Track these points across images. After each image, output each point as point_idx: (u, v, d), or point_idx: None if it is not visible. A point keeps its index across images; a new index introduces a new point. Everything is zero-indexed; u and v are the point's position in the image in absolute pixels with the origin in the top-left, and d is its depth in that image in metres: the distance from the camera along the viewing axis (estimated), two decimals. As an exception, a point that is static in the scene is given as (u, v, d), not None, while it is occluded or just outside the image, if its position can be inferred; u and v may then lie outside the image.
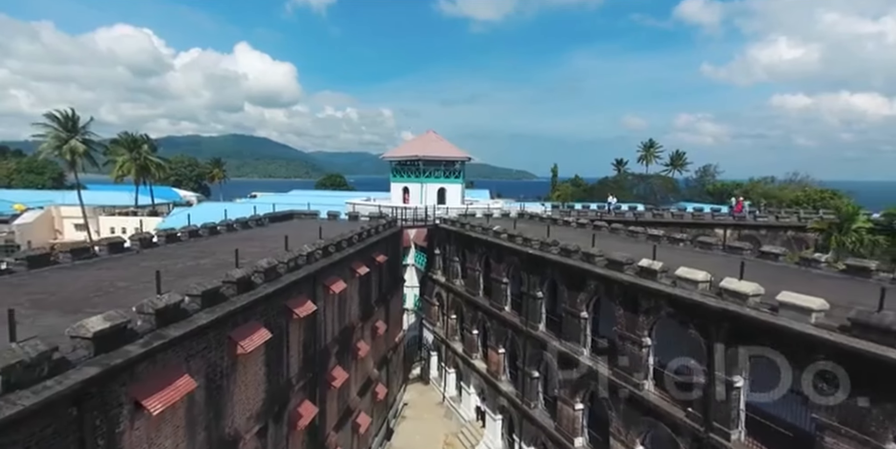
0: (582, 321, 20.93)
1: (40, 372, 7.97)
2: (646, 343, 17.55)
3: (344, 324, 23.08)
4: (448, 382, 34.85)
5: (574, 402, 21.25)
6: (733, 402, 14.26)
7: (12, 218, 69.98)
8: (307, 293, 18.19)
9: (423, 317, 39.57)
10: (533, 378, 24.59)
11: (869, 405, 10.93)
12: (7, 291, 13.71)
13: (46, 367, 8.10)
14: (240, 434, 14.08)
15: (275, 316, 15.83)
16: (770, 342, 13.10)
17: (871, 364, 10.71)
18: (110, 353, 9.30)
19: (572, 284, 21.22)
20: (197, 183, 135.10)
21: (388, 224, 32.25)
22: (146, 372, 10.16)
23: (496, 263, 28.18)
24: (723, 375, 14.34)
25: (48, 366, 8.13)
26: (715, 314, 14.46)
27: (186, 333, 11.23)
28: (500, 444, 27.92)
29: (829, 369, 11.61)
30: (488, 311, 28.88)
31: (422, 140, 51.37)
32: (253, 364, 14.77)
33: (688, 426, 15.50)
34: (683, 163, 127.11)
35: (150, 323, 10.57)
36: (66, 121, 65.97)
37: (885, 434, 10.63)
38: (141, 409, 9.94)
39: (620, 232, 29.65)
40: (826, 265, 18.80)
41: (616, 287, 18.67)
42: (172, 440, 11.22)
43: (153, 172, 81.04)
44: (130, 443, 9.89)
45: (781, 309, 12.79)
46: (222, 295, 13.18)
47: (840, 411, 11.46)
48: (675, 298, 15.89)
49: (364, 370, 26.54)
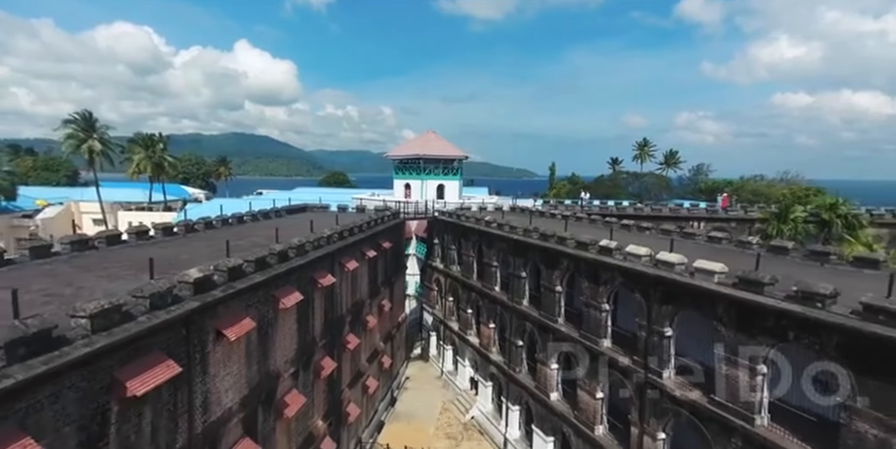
0: (557, 295, 24.89)
1: (167, 301, 11.96)
2: (605, 308, 21.52)
3: (355, 298, 27.08)
4: (445, 358, 38.85)
5: (550, 363, 25.22)
6: (665, 348, 18.22)
7: (35, 213, 74.03)
8: (327, 268, 22.16)
9: (423, 302, 43.56)
10: (518, 347, 28.57)
11: (747, 336, 14.88)
12: (102, 259, 17.70)
13: (169, 298, 12.09)
14: (280, 372, 18.08)
15: (304, 284, 19.78)
16: (689, 299, 17.06)
17: (749, 308, 14.68)
18: (203, 294, 13.29)
19: (549, 264, 25.18)
20: (204, 180, 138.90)
21: (392, 216, 36.24)
22: (223, 311, 14.15)
23: (487, 249, 32.17)
24: (657, 328, 18.30)
25: (170, 298, 12.12)
26: (652, 280, 18.42)
27: (247, 287, 15.21)
28: (490, 407, 31.90)
29: (725, 314, 15.59)
30: (481, 291, 32.85)
31: (422, 140, 55.36)
32: (289, 320, 18.76)
33: (632, 370, 19.47)
34: (677, 161, 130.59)
35: (224, 278, 14.54)
36: (84, 121, 70.02)
37: (755, 358, 14.60)
38: (221, 337, 13.94)
39: (598, 223, 33.63)
40: (756, 246, 22.76)
41: (583, 263, 22.63)
42: (237, 366, 15.22)
43: (167, 170, 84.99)
44: (213, 360, 13.88)
45: (696, 273, 16.76)
46: (268, 262, 17.16)
47: (730, 343, 15.42)
48: (626, 270, 19.85)
49: (372, 341, 30.54)
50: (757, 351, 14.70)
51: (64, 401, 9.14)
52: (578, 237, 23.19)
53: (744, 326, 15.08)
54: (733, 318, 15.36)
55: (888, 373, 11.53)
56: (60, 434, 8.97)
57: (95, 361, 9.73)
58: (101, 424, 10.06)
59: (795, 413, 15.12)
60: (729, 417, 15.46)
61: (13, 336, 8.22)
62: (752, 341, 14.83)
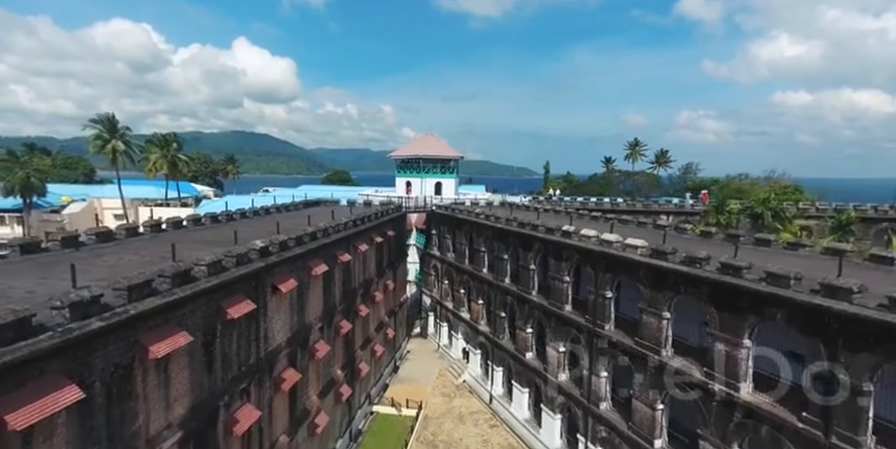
0: (531, 272, 30.40)
1: (242, 260, 17.46)
2: (566, 280, 27.01)
3: (366, 276, 32.62)
4: (441, 334, 44.39)
5: (526, 328, 30.75)
6: (608, 308, 23.73)
7: (61, 208, 79.60)
8: (345, 248, 27.69)
9: (422, 286, 49.04)
10: (501, 317, 34.07)
11: (657, 292, 20.40)
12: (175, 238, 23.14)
13: (245, 259, 17.59)
14: (312, 324, 23.62)
15: (328, 259, 25.26)
16: (622, 268, 22.57)
17: (658, 271, 20.19)
18: (266, 257, 18.79)
19: (525, 247, 30.68)
20: (212, 178, 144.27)
21: (395, 209, 41.76)
22: (277, 272, 19.65)
23: (476, 237, 37.67)
24: (602, 292, 23.79)
25: (244, 259, 17.62)
26: (598, 255, 23.91)
27: (292, 256, 20.72)
28: (479, 371, 37.42)
29: (644, 277, 21.10)
30: (471, 273, 38.35)
31: (422, 141, 60.88)
32: (317, 286, 24.27)
33: (585, 326, 24.98)
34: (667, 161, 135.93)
35: (276, 248, 20.02)
36: (108, 123, 75.58)
37: (662, 307, 20.12)
38: (276, 290, 19.45)
39: (572, 214, 39.07)
40: (690, 232, 28.28)
41: (551, 246, 28.12)
42: (286, 314, 20.75)
43: (181, 168, 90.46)
44: (270, 307, 19.39)
45: (626, 248, 22.27)
46: (303, 240, 22.66)
47: (647, 298, 20.93)
48: (580, 248, 25.34)
49: (378, 314, 36.09)
50: (663, 302, 20.22)
51: (196, 316, 14.66)
52: (547, 224, 28.72)
53: (655, 285, 20.58)
54: (650, 279, 20.86)
55: (730, 308, 17.06)
56: (195, 334, 14.47)
57: (211, 292, 15.25)
58: (213, 334, 15.60)
59: (688, 345, 20.63)
60: (645, 352, 21.00)
61: (174, 270, 13.74)
62: (659, 295, 20.35)
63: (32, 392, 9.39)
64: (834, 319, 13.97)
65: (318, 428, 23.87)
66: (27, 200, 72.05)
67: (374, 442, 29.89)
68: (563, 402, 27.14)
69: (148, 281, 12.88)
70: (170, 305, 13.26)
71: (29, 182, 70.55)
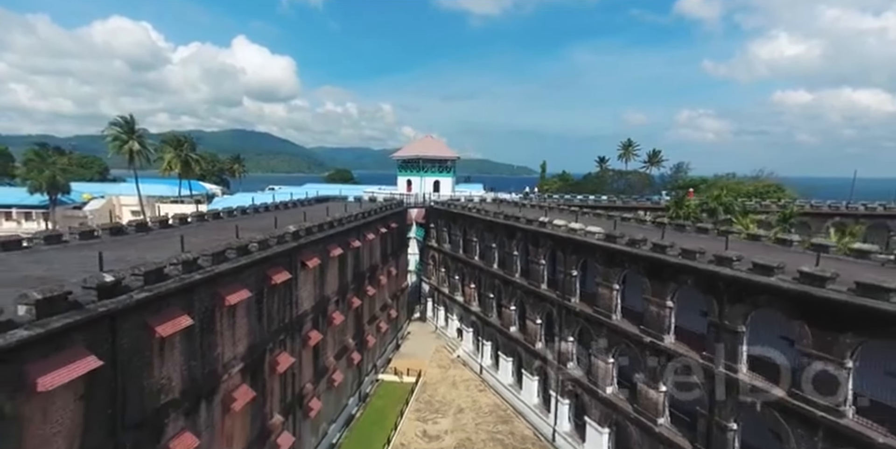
0: (514, 257, 35.45)
1: (281, 240, 22.53)
2: (542, 263, 32.07)
3: (372, 261, 37.70)
4: (439, 317, 49.48)
5: (510, 305, 35.82)
6: (574, 284, 28.79)
7: (82, 205, 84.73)
8: (355, 236, 32.76)
9: (421, 275, 54.08)
10: (490, 298, 39.12)
11: (609, 268, 25.46)
12: (217, 225, 28.22)
13: (284, 239, 22.67)
14: (330, 298, 28.70)
15: (343, 244, 30.34)
16: (585, 250, 27.63)
17: (610, 252, 25.26)
18: (297, 239, 23.86)
19: (509, 236, 35.73)
20: (218, 177, 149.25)
21: (397, 204, 46.82)
22: (305, 251, 24.71)
23: (469, 229, 42.73)
24: (569, 271, 28.85)
25: (283, 240, 22.69)
26: (565, 240, 28.98)
27: (316, 239, 25.79)
28: (471, 347, 42.49)
29: (600, 257, 26.16)
30: (464, 261, 43.42)
31: (422, 143, 65.96)
32: (334, 266, 29.33)
33: (555, 299, 30.05)
34: (659, 160, 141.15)
35: (303, 233, 25.08)
36: (127, 125, 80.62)
37: (613, 281, 25.19)
38: (304, 266, 24.53)
39: (554, 209, 44.15)
40: (649, 223, 33.35)
41: (529, 234, 33.17)
42: (311, 286, 25.84)
43: (193, 168, 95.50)
44: (300, 279, 24.45)
45: (587, 234, 27.34)
46: (324, 227, 27.72)
47: (602, 274, 25.99)
48: (553, 236, 30.40)
49: (383, 296, 41.18)
50: (613, 276, 25.29)
51: (251, 279, 19.71)
52: (526, 216, 33.80)
53: (608, 263, 25.65)
54: (604, 259, 25.93)
55: (658, 277, 22.14)
56: (251, 292, 19.49)
57: (261, 263, 20.31)
58: (261, 295, 20.67)
59: (632, 310, 25.63)
60: (600, 317, 26.08)
61: (238, 244, 18.82)
62: (611, 272, 25.42)
63: (169, 315, 14.49)
64: (722, 282, 19.04)
65: (334, 383, 28.99)
66: (53, 198, 77.22)
67: (379, 402, 34.96)
68: (539, 365, 32.22)
69: (223, 251, 17.95)
70: (236, 268, 18.32)
71: (55, 181, 75.74)
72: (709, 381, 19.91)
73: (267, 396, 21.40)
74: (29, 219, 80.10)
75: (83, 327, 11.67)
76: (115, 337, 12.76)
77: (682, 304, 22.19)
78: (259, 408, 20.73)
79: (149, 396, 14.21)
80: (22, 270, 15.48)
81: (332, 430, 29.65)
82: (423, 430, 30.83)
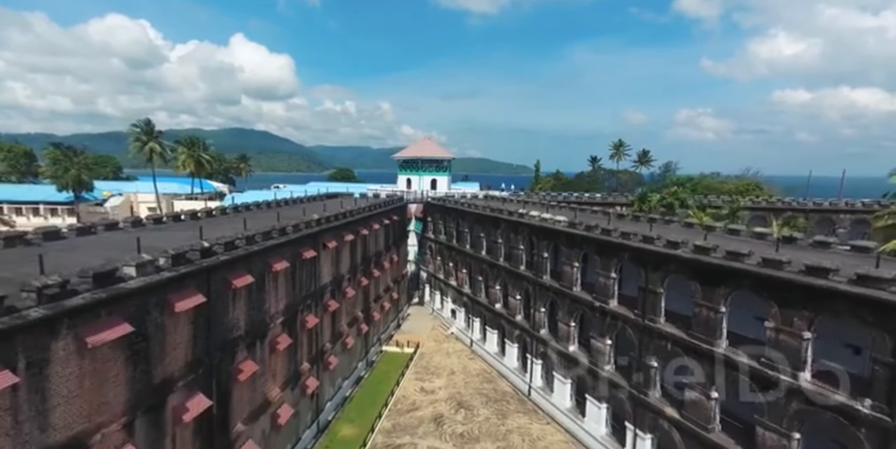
0: (498, 244, 41.49)
1: (310, 226, 28.56)
2: (521, 248, 38.10)
3: (377, 248, 43.74)
4: (435, 300, 55.54)
5: (495, 286, 41.87)
6: (544, 264, 34.83)
7: (103, 201, 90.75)
8: (363, 225, 38.78)
9: (420, 264, 60.13)
10: (478, 281, 45.17)
11: (571, 249, 31.52)
12: (252, 215, 34.20)
13: (311, 225, 28.70)
14: (344, 275, 34.73)
15: (353, 232, 36.33)
16: (553, 236, 33.67)
17: (570, 236, 31.31)
18: (321, 226, 29.88)
19: (495, 227, 41.75)
20: (225, 176, 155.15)
21: (398, 200, 52.85)
22: (326, 235, 30.71)
23: (461, 221, 48.77)
24: (541, 253, 34.89)
25: (310, 225, 28.72)
26: (539, 228, 35.02)
27: (332, 227, 31.83)
28: (463, 324, 48.55)
29: (563, 241, 32.22)
30: (458, 249, 49.46)
31: (421, 145, 71.99)
32: (346, 249, 35.32)
33: (531, 278, 36.11)
34: (648, 160, 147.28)
35: (324, 221, 31.08)
36: (146, 127, 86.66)
37: (573, 260, 31.24)
38: (325, 247, 30.56)
39: (537, 204, 50.21)
40: (612, 215, 39.38)
41: (511, 224, 39.19)
42: (330, 264, 31.89)
43: (205, 167, 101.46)
44: (321, 258, 30.47)
45: (554, 223, 33.39)
46: (339, 217, 33.71)
47: (564, 255, 32.03)
48: (530, 225, 36.43)
49: (386, 279, 47.23)
50: (574, 257, 31.33)
51: (288, 253, 25.69)
52: (509, 209, 39.86)
53: (569, 245, 31.68)
54: (567, 242, 31.97)
55: (607, 255, 28.19)
56: (290, 264, 25.47)
57: (295, 242, 26.31)
58: (295, 267, 26.65)
59: (589, 282, 31.55)
60: (564, 290, 32.13)
61: (281, 227, 24.85)
62: (571, 252, 31.45)
63: (239, 273, 20.50)
64: (648, 256, 25.09)
65: (347, 346, 35.06)
66: (78, 195, 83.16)
67: (383, 367, 41.01)
68: (518, 334, 38.29)
69: (269, 231, 23.98)
70: (279, 244, 24.36)
71: (80, 179, 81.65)
72: (637, 331, 25.99)
73: (298, 346, 27.44)
74: (55, 214, 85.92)
75: (195, 274, 17.72)
76: (209, 284, 18.78)
77: (624, 275, 28.26)
78: (293, 354, 26.79)
79: (227, 329, 20.25)
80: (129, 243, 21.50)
81: (346, 385, 35.72)
82: (420, 386, 36.88)
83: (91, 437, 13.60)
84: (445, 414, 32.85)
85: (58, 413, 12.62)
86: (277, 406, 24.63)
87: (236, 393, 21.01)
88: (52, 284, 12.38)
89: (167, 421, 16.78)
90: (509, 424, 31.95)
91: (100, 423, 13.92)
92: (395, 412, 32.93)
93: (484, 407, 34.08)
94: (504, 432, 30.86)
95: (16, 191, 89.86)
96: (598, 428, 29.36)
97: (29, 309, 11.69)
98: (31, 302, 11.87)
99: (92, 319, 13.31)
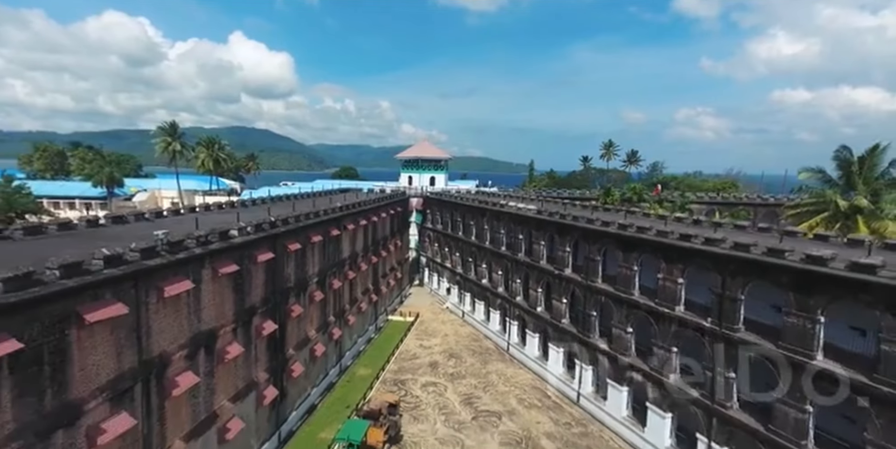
0: (485, 231, 50.05)
1: (333, 211, 37.13)
2: (501, 233, 46.67)
3: (383, 234, 52.35)
4: (433, 281, 64.15)
5: (481, 265, 50.42)
6: (520, 245, 43.38)
7: (131, 197, 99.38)
8: (372, 214, 47.35)
9: (420, 251, 68.71)
10: (468, 261, 53.74)
11: (539, 232, 40.10)
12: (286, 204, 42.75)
13: (335, 211, 37.28)
14: (358, 253, 43.31)
15: (366, 218, 44.86)
16: (525, 222, 42.22)
17: (539, 221, 39.88)
18: (342, 212, 38.46)
19: (481, 215, 50.31)
20: (235, 174, 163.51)
21: (401, 194, 61.49)
22: (346, 220, 39.27)
23: (455, 212, 57.36)
24: (518, 236, 43.42)
25: (333, 211, 37.30)
26: (515, 216, 43.58)
27: (350, 213, 40.42)
28: (456, 300, 57.13)
29: (534, 227, 40.79)
30: (453, 237, 58.04)
31: (421, 146, 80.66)
32: (361, 233, 43.88)
33: (510, 256, 44.67)
34: (637, 160, 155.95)
35: (345, 208, 39.62)
36: (171, 128, 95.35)
37: (540, 240, 39.82)
38: (346, 228, 39.13)
39: (516, 197, 58.80)
40: (583, 207, 47.96)
41: (499, 214, 47.73)
42: (348, 242, 40.49)
43: (222, 165, 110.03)
44: (343, 237, 39.04)
45: (526, 211, 41.94)
46: (355, 206, 42.26)
47: (534, 237, 40.60)
48: (514, 215, 44.98)
49: (391, 260, 55.84)
50: (541, 237, 39.86)
51: (301, 238, 34.24)
52: (497, 202, 48.46)
53: (538, 228, 40.21)
54: (539, 228, 40.50)
55: (563, 233, 36.75)
56: (301, 245, 33.96)
57: (324, 222, 34.88)
58: (324, 241, 35.22)
59: (577, 264, 40.16)
60: (534, 263, 40.69)
61: (297, 214, 33.44)
62: (539, 233, 40.00)
63: (293, 242, 29.08)
64: (590, 233, 33.65)
65: (361, 310, 43.67)
66: (110, 190, 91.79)
67: (389, 331, 49.59)
68: (500, 302, 46.89)
69: (287, 218, 32.53)
70: (314, 224, 32.94)
71: (113, 176, 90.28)
72: (584, 292, 34.56)
73: (327, 303, 36.01)
74: (89, 208, 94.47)
75: (268, 239, 26.28)
76: (275, 247, 27.27)
77: (574, 250, 36.85)
78: (324, 308, 35.38)
79: (284, 280, 28.82)
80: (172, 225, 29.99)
81: (360, 341, 44.34)
82: (420, 344, 45.51)
83: (218, 331, 22.21)
84: (440, 361, 41.49)
85: (203, 314, 21.21)
86: (314, 343, 33.26)
87: (289, 326, 29.62)
88: (200, 235, 20.96)
89: (253, 333, 25.36)
90: (489, 368, 40.60)
91: (222, 324, 22.54)
92: (400, 360, 41.59)
93: (471, 357, 42.72)
94: (485, 373, 39.50)
95: (54, 187, 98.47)
96: (557, 368, 37.99)
97: (195, 248, 20.29)
98: (194, 244, 20.46)
99: (221, 259, 21.90)
